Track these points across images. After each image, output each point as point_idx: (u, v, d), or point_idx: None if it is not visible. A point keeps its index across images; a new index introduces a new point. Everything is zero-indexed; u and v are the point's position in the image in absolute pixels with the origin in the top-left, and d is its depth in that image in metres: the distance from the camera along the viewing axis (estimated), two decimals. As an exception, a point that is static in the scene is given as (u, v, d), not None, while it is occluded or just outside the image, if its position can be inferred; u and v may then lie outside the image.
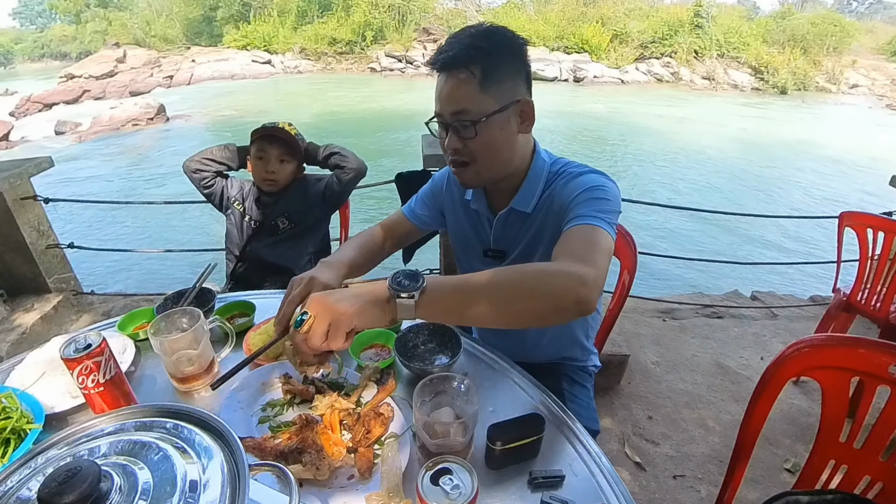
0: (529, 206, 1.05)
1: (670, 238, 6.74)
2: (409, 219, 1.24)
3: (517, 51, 0.96)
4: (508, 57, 0.94)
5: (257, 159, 1.68)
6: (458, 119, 0.94)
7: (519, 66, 0.96)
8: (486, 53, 0.91)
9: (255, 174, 1.72)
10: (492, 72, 0.92)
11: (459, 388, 0.78)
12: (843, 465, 0.97)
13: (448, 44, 0.95)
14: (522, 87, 0.97)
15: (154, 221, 7.14)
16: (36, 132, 14.08)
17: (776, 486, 1.79)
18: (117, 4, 33.82)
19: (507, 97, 0.94)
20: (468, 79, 0.91)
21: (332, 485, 0.74)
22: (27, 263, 2.66)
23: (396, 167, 2.11)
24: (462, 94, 0.92)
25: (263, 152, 1.67)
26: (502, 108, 0.94)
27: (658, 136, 13.20)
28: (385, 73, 23.25)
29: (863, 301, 2.15)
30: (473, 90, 0.92)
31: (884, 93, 21.54)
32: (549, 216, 1.03)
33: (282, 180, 1.71)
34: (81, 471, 0.46)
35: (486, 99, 0.92)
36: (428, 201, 1.24)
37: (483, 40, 0.92)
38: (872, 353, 0.89)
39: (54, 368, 0.94)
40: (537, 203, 1.05)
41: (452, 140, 0.97)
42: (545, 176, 1.05)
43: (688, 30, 23.45)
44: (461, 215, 1.20)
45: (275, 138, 1.66)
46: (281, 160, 1.68)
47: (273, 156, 1.67)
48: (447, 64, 0.93)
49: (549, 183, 1.04)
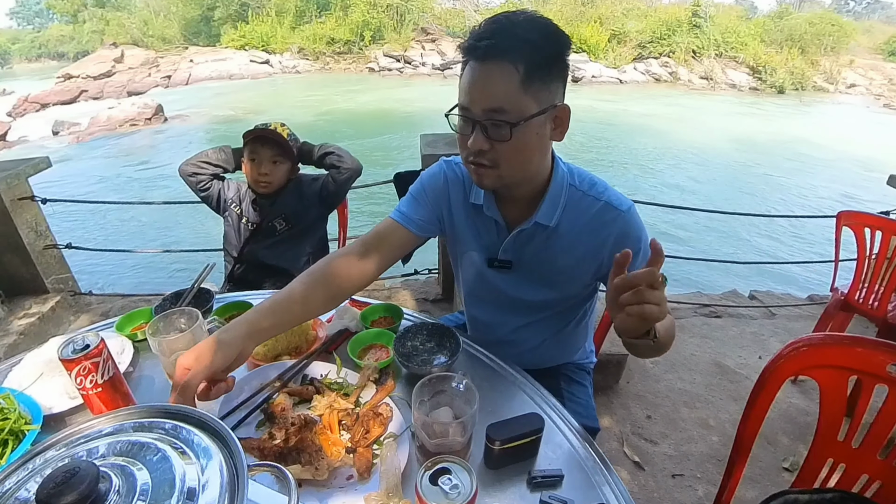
0: (553, 220, 0.97)
1: (668, 237, 6.75)
2: (404, 225, 1.05)
3: (563, 50, 0.86)
4: (556, 54, 0.84)
5: (250, 161, 1.67)
6: (491, 117, 0.84)
7: (563, 67, 0.87)
8: (534, 48, 0.81)
9: (249, 176, 1.71)
10: (537, 70, 0.82)
11: (458, 387, 0.78)
12: (842, 464, 0.97)
13: (489, 29, 0.83)
14: (562, 89, 0.88)
15: (152, 222, 7.12)
16: (33, 132, 14.04)
17: (775, 485, 1.79)
18: (115, 4, 33.74)
19: (547, 99, 0.85)
20: (511, 73, 0.81)
21: (330, 485, 0.74)
22: (25, 264, 2.65)
23: (395, 167, 2.11)
24: (501, 90, 0.82)
25: (256, 154, 1.66)
26: (541, 112, 0.84)
27: (656, 135, 13.22)
28: (383, 72, 23.24)
29: (860, 300, 2.16)
30: (514, 88, 0.81)
31: (881, 92, 21.61)
32: (578, 240, 0.98)
33: (275, 181, 1.70)
34: (80, 472, 0.45)
35: (527, 99, 0.82)
36: (423, 201, 1.09)
37: (532, 32, 0.82)
38: (870, 352, 0.90)
39: (52, 369, 0.93)
40: (560, 217, 0.98)
41: (479, 140, 0.86)
42: (566, 188, 0.98)
43: (686, 29, 23.48)
44: (463, 219, 1.09)
45: (267, 139, 1.64)
46: (274, 161, 1.67)
47: (266, 157, 1.65)
48: (489, 53, 0.81)
49: (571, 196, 0.98)
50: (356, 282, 0.99)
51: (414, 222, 1.06)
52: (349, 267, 0.98)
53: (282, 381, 0.92)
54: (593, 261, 0.99)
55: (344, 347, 1.03)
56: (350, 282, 0.98)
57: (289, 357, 1.01)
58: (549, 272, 1.03)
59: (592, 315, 1.26)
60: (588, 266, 1.01)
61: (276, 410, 0.84)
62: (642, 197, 6.09)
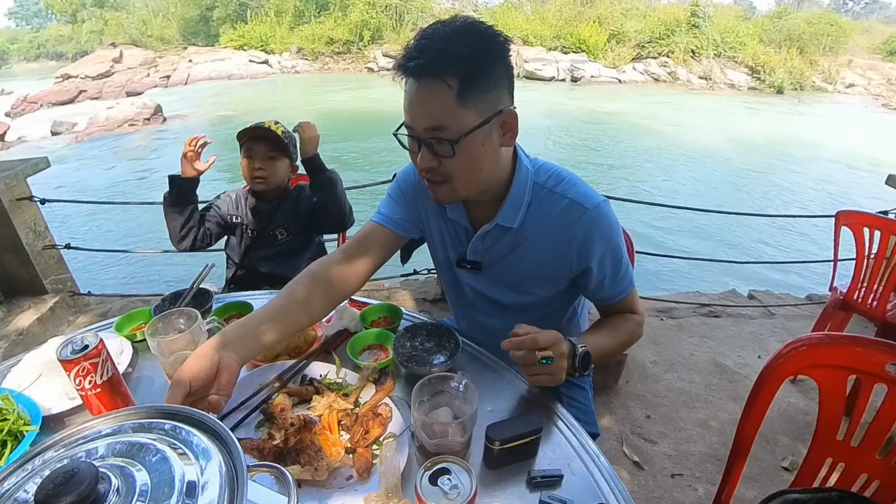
0: (515, 222, 0.96)
1: (667, 237, 6.75)
2: (385, 226, 1.05)
3: (500, 53, 0.83)
4: (491, 62, 0.82)
5: (247, 159, 1.67)
6: (432, 135, 0.83)
7: (501, 72, 0.84)
8: (465, 60, 0.79)
9: (246, 173, 1.69)
10: (472, 82, 0.80)
11: (458, 387, 0.78)
12: (841, 463, 0.97)
13: (418, 46, 0.81)
14: (505, 94, 0.86)
15: (151, 222, 7.10)
16: (32, 132, 14.01)
17: (774, 485, 1.79)
18: (114, 4, 33.70)
19: (489, 109, 0.83)
20: (444, 91, 0.79)
21: (330, 485, 0.74)
22: (24, 264, 2.65)
23: (394, 168, 2.11)
24: (437, 108, 0.81)
25: (251, 151, 1.65)
26: (483, 123, 0.82)
27: (654, 135, 13.23)
28: (382, 72, 23.20)
29: (859, 299, 2.16)
30: (450, 104, 0.80)
31: (879, 92, 21.63)
32: (543, 240, 0.97)
33: (273, 179, 1.68)
34: (79, 473, 0.45)
35: (466, 113, 0.81)
36: (400, 201, 1.09)
37: (461, 44, 0.79)
38: (869, 352, 0.90)
39: (51, 370, 0.93)
40: (524, 217, 0.96)
41: (426, 158, 0.86)
42: (530, 187, 0.96)
43: (685, 29, 23.49)
44: (434, 221, 1.09)
45: (261, 137, 1.64)
46: (270, 157, 1.66)
47: (261, 153, 1.65)
48: (419, 71, 0.80)
49: (535, 195, 0.96)
50: (349, 287, 1.02)
51: (395, 222, 1.06)
52: (340, 271, 1.00)
53: (281, 381, 0.92)
54: (560, 261, 0.98)
55: (343, 348, 1.03)
56: (343, 286, 1.01)
57: (288, 357, 1.01)
58: (516, 274, 1.03)
59: (584, 315, 1.25)
60: (555, 267, 1.00)
61: (276, 411, 0.84)
62: (639, 196, 6.11)
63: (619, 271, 0.99)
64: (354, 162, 10.46)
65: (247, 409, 0.86)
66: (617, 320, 1.05)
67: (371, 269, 1.04)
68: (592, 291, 1.03)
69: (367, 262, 1.03)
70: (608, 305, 1.06)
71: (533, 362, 0.83)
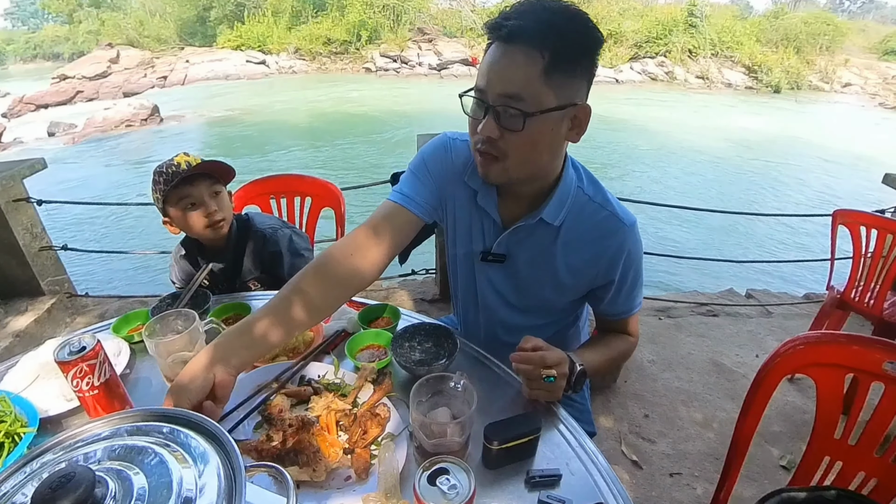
0: (558, 220, 0.93)
1: (664, 236, 6.76)
2: (406, 206, 0.96)
3: (594, 46, 0.80)
4: (584, 50, 0.79)
5: (190, 211, 1.33)
6: (506, 103, 0.79)
7: (589, 65, 0.81)
8: (562, 37, 0.76)
9: (198, 227, 1.35)
10: (562, 62, 0.77)
11: (456, 387, 0.78)
12: (839, 462, 0.98)
13: (518, 11, 0.78)
14: (585, 88, 0.83)
15: (148, 223, 7.09)
16: (29, 133, 13.96)
17: (772, 483, 1.80)
18: (110, 5, 33.59)
19: (568, 95, 0.80)
20: (534, 60, 0.76)
21: (329, 486, 0.74)
22: (20, 266, 2.64)
23: (392, 167, 2.10)
24: (521, 76, 0.77)
25: (193, 199, 1.32)
26: (560, 107, 0.80)
27: (652, 134, 13.25)
28: (380, 73, 23.19)
29: (856, 298, 2.17)
30: (535, 76, 0.76)
31: (876, 91, 21.67)
32: (579, 244, 0.95)
33: (228, 213, 1.39)
34: (75, 477, 0.45)
35: (547, 91, 0.78)
36: (425, 179, 0.99)
37: (563, 21, 0.77)
38: (866, 350, 0.90)
39: (48, 371, 0.93)
40: (565, 217, 0.94)
41: (490, 126, 0.81)
42: (574, 189, 0.94)
43: (682, 29, 23.50)
44: (463, 209, 1.01)
45: (192, 176, 1.31)
46: (215, 192, 1.36)
47: (205, 194, 1.33)
48: (513, 35, 0.76)
49: (577, 199, 0.94)
50: (364, 279, 0.93)
51: (417, 204, 0.97)
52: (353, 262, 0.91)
53: (279, 382, 0.92)
54: (590, 269, 0.97)
55: (341, 348, 1.03)
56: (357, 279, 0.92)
57: (286, 358, 1.01)
58: (542, 274, 1.00)
59: (585, 319, 1.25)
60: (582, 274, 0.99)
61: (274, 412, 0.83)
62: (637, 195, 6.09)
63: (635, 289, 1.01)
64: (353, 163, 10.44)
65: (245, 410, 0.86)
66: (614, 340, 1.06)
67: (389, 256, 0.95)
68: (605, 304, 1.03)
69: (384, 249, 0.94)
70: (611, 321, 1.06)
71: (536, 378, 0.84)
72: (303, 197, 1.92)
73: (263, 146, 11.61)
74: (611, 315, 1.04)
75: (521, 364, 0.85)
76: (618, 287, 0.98)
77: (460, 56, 22.37)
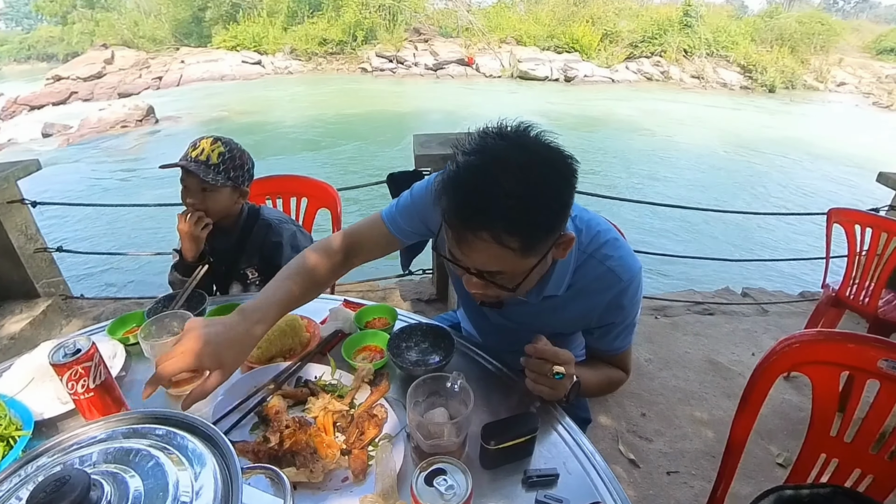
0: (561, 290, 0.94)
1: (661, 236, 6.78)
2: (390, 228, 1.02)
3: (569, 196, 0.76)
4: (558, 211, 0.75)
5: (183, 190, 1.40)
6: (489, 277, 0.78)
7: (566, 206, 0.77)
8: (531, 224, 0.71)
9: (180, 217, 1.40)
10: (535, 241, 0.74)
11: (453, 388, 0.78)
12: (835, 459, 0.98)
13: (469, 199, 0.71)
14: (566, 219, 0.79)
15: (144, 224, 7.06)
16: (23, 134, 13.86)
17: (769, 481, 1.80)
18: (104, 5, 33.40)
19: (549, 243, 0.78)
20: (504, 251, 0.72)
21: (326, 487, 0.74)
22: (15, 268, 2.62)
23: (390, 167, 2.10)
24: (494, 262, 0.75)
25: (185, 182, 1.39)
26: (544, 257, 0.79)
27: (647, 134, 13.28)
28: (376, 73, 23.15)
29: (851, 296, 2.18)
30: (511, 258, 0.74)
31: (870, 90, 21.79)
32: (574, 300, 0.95)
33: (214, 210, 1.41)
34: (71, 480, 0.45)
35: (529, 259, 0.76)
36: (409, 215, 1.02)
37: (529, 196, 0.70)
38: (861, 348, 0.91)
39: (43, 374, 0.92)
40: (569, 283, 0.93)
41: (477, 286, 0.81)
42: (575, 255, 0.91)
43: (677, 29, 23.57)
44: None
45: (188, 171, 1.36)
46: (203, 189, 1.38)
47: (193, 187, 1.38)
48: (476, 227, 0.71)
49: (576, 260, 0.92)
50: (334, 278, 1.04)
51: (400, 228, 1.02)
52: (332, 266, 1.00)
53: (276, 383, 0.92)
54: (583, 321, 0.99)
55: (338, 349, 1.03)
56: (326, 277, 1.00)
57: (283, 359, 1.01)
58: (536, 323, 1.01)
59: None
60: (576, 323, 1.02)
61: (271, 413, 0.83)
62: (633, 195, 6.13)
63: (626, 331, 1.00)
64: (349, 164, 10.43)
65: (241, 411, 0.86)
66: (608, 368, 1.06)
67: (361, 263, 1.06)
68: (595, 339, 1.03)
69: (361, 259, 1.05)
70: (602, 356, 1.06)
71: (545, 373, 0.84)
72: (299, 198, 1.92)
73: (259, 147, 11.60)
74: (602, 350, 1.04)
75: (536, 357, 0.84)
76: (607, 330, 0.99)
77: (456, 56, 22.35)
